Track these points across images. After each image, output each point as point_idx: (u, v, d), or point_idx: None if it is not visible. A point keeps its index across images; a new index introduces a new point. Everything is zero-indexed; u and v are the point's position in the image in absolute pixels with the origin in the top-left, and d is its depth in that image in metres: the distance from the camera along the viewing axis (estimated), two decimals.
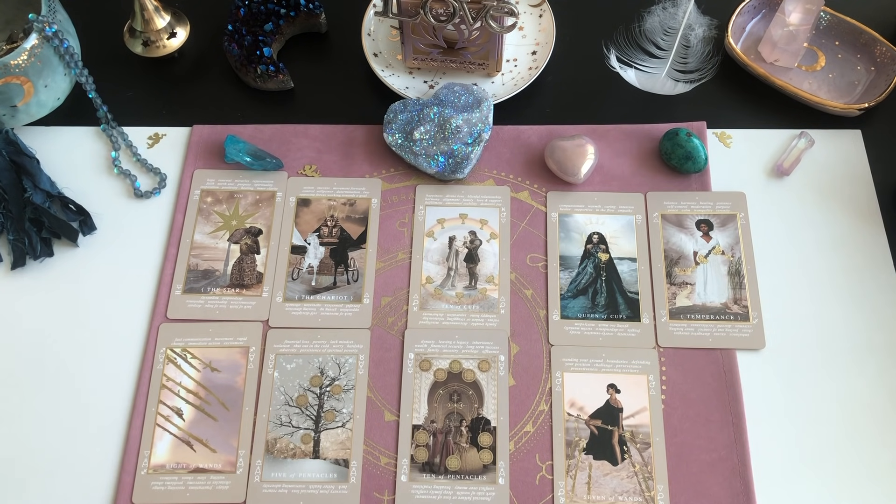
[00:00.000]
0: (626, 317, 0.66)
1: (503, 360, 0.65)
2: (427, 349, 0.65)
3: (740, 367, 0.64)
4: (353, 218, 0.72)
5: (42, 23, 0.69)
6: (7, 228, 0.70)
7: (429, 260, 0.69)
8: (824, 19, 0.79)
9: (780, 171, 0.72)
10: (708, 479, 0.60)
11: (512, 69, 0.78)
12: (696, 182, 0.72)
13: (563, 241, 0.70)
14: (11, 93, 0.69)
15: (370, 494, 0.60)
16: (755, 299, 0.66)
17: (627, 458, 0.60)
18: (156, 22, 0.78)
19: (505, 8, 0.68)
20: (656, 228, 0.70)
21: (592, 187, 0.72)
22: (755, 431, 0.61)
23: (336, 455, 0.61)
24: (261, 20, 0.79)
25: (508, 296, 0.67)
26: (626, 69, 0.75)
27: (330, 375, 0.64)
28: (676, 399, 0.63)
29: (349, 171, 0.74)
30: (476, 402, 0.63)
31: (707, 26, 0.77)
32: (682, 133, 0.71)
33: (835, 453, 0.60)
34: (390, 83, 0.76)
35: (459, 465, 0.61)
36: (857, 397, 0.62)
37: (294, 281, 0.69)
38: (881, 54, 0.76)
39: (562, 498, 0.59)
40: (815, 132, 0.74)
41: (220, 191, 0.73)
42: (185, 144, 0.76)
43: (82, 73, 0.74)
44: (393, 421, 0.63)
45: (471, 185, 0.73)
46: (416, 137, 0.71)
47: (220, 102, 0.79)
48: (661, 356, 0.64)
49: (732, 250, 0.69)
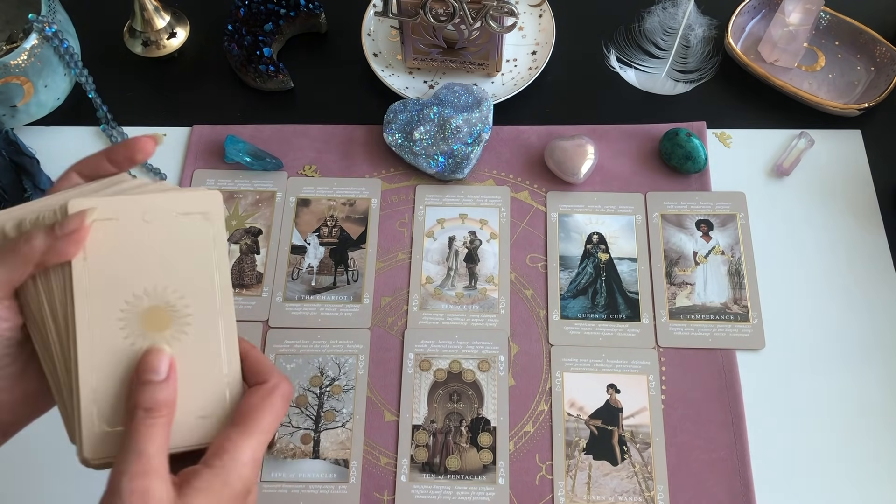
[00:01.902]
0: (626, 317, 0.66)
1: (503, 360, 0.65)
2: (427, 349, 0.65)
3: (740, 367, 0.64)
4: (352, 218, 0.72)
5: (42, 23, 0.69)
6: None
7: (429, 260, 0.69)
8: (824, 19, 0.79)
9: (779, 171, 0.72)
10: (708, 479, 0.60)
11: (512, 69, 0.78)
12: (696, 182, 0.72)
13: (563, 241, 0.70)
14: (11, 93, 0.69)
15: (370, 494, 0.60)
16: (755, 299, 0.66)
17: (627, 458, 0.60)
18: (156, 22, 0.78)
19: (505, 8, 0.68)
20: (656, 228, 0.70)
21: (592, 187, 0.72)
22: (755, 431, 0.61)
23: (336, 455, 0.61)
24: (261, 20, 0.79)
25: (508, 296, 0.67)
26: (626, 69, 0.75)
27: (330, 375, 0.64)
28: (676, 399, 0.63)
29: (349, 171, 0.74)
30: (476, 402, 0.63)
31: (707, 26, 0.77)
32: (682, 133, 0.71)
33: (834, 453, 0.60)
34: (390, 83, 0.76)
35: (459, 465, 0.61)
36: (857, 397, 0.62)
37: (294, 281, 0.69)
38: (881, 54, 0.76)
39: (562, 498, 0.59)
40: (815, 132, 0.74)
41: (220, 191, 0.73)
42: (185, 144, 0.76)
43: (82, 73, 0.74)
44: (393, 421, 0.63)
45: (471, 185, 0.73)
46: (416, 137, 0.71)
47: (220, 102, 0.79)
48: (661, 356, 0.64)
49: (732, 250, 0.69)
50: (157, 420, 0.36)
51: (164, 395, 0.37)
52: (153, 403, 0.37)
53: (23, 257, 0.37)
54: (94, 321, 0.37)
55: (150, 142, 0.42)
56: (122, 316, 0.38)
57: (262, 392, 0.40)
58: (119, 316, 0.38)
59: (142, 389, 0.37)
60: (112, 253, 0.38)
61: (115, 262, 0.38)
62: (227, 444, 0.38)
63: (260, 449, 0.38)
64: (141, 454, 0.35)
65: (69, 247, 0.37)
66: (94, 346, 0.37)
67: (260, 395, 0.40)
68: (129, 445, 0.36)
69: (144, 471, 0.35)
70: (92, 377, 0.37)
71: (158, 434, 0.36)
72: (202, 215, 0.40)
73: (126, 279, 0.38)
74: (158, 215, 0.39)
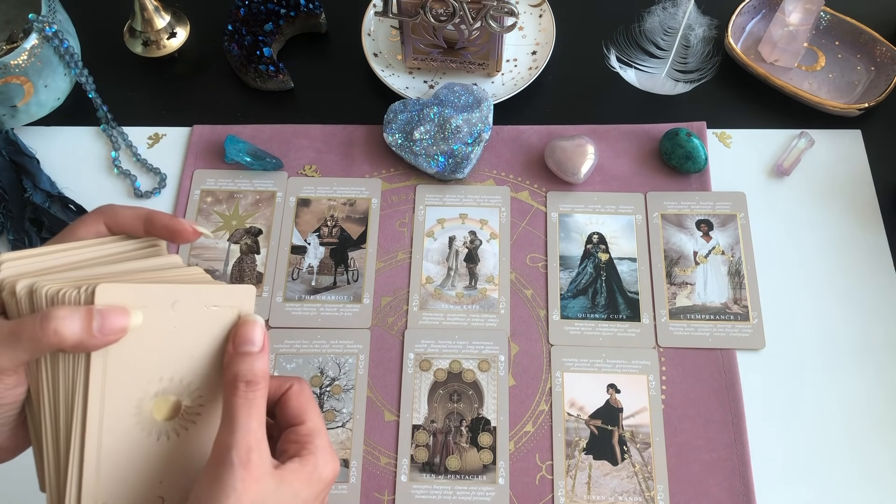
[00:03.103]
0: (626, 317, 0.66)
1: (503, 360, 0.65)
2: (427, 349, 0.65)
3: (740, 367, 0.64)
4: (353, 218, 0.72)
5: (42, 23, 0.69)
6: (7, 228, 0.70)
7: (429, 260, 0.69)
8: (824, 19, 0.79)
9: (780, 171, 0.72)
10: (708, 479, 0.60)
11: (512, 69, 0.78)
12: (696, 182, 0.72)
13: (563, 241, 0.70)
14: (11, 93, 0.69)
15: (370, 494, 0.60)
16: (755, 299, 0.66)
17: (627, 458, 0.60)
18: (156, 22, 0.78)
19: (505, 8, 0.68)
20: (656, 228, 0.70)
21: (592, 187, 0.72)
22: (755, 431, 0.61)
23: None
24: (261, 20, 0.79)
25: (508, 296, 0.67)
26: (626, 69, 0.75)
27: (330, 375, 0.64)
28: (676, 399, 0.63)
29: (349, 171, 0.74)
30: (476, 402, 0.63)
31: (707, 26, 0.77)
32: (682, 133, 0.71)
33: (835, 453, 0.60)
34: (390, 83, 0.76)
35: (459, 465, 0.61)
36: (857, 397, 0.62)
37: (294, 281, 0.69)
38: (881, 54, 0.76)
39: (562, 498, 0.59)
40: (815, 132, 0.74)
41: (220, 191, 0.73)
42: (185, 144, 0.76)
43: (82, 73, 0.74)
44: (393, 421, 0.63)
45: (471, 185, 0.73)
46: (416, 137, 0.71)
47: (220, 102, 0.79)
48: (661, 356, 0.64)
49: (732, 250, 0.69)
50: (258, 393, 0.36)
51: (261, 366, 0.37)
52: (253, 375, 0.36)
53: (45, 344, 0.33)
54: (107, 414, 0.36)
55: (195, 234, 0.40)
56: (136, 404, 0.37)
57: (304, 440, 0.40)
58: (134, 403, 0.37)
59: (241, 360, 0.37)
60: (135, 343, 0.36)
61: (136, 352, 0.36)
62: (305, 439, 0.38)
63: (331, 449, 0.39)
64: (248, 428, 0.35)
65: (100, 344, 0.34)
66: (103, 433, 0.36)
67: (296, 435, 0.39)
68: (235, 419, 0.35)
69: (249, 445, 0.35)
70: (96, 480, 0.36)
71: (259, 406, 0.36)
72: (232, 309, 0.38)
73: (145, 370, 0.37)
74: (187, 305, 0.37)
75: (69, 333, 0.33)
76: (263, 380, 0.37)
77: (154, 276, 0.38)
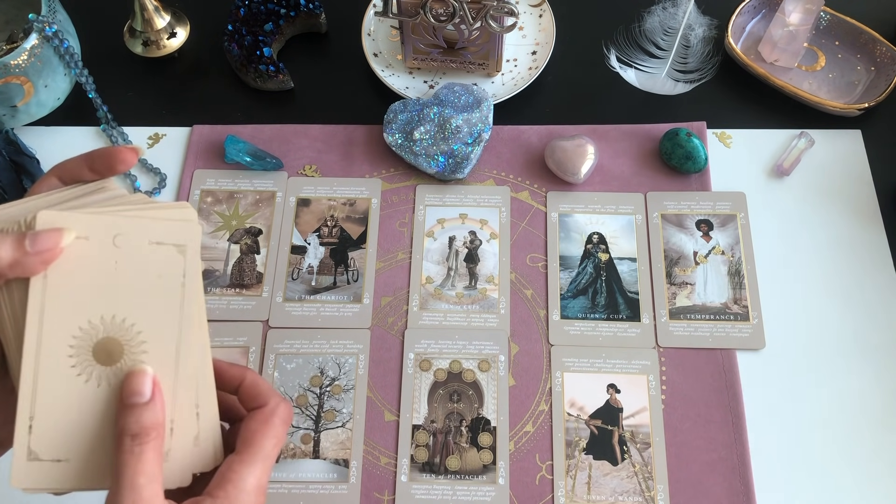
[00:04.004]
0: (626, 317, 0.66)
1: (503, 360, 0.65)
2: (427, 349, 0.65)
3: (740, 367, 0.64)
4: (353, 218, 0.72)
5: (42, 23, 0.69)
6: None
7: (429, 260, 0.69)
8: (824, 19, 0.79)
9: (780, 171, 0.72)
10: (708, 479, 0.60)
11: (512, 69, 0.78)
12: (696, 182, 0.72)
13: (563, 241, 0.70)
14: (11, 93, 0.69)
15: (370, 494, 0.60)
16: (755, 299, 0.66)
17: (627, 458, 0.60)
18: (156, 22, 0.78)
19: (505, 8, 0.68)
20: (656, 228, 0.70)
21: (592, 187, 0.72)
22: (755, 431, 0.61)
23: (336, 455, 0.61)
24: (261, 20, 0.79)
25: (508, 296, 0.67)
26: (626, 69, 0.75)
27: (330, 375, 0.64)
28: (676, 399, 0.63)
29: (349, 171, 0.74)
30: (476, 402, 0.63)
31: (707, 26, 0.77)
32: (682, 133, 0.71)
33: (834, 453, 0.60)
34: (390, 83, 0.76)
35: (459, 465, 0.61)
36: (857, 397, 0.62)
37: (294, 281, 0.69)
38: (881, 54, 0.76)
39: (562, 498, 0.59)
40: (815, 132, 0.74)
41: (220, 191, 0.73)
42: (185, 144, 0.76)
43: (82, 73, 0.74)
44: (393, 421, 0.63)
45: (471, 185, 0.73)
46: (416, 137, 0.71)
47: (220, 102, 0.79)
48: (661, 356, 0.64)
49: (732, 250, 0.69)
50: (146, 445, 0.35)
51: (150, 418, 0.35)
52: (139, 428, 0.35)
53: None
54: (43, 346, 0.35)
55: (132, 153, 0.39)
56: (73, 343, 0.36)
57: (262, 416, 0.39)
58: (70, 342, 0.36)
59: (126, 413, 0.35)
60: (74, 274, 0.35)
61: (75, 284, 0.36)
62: (230, 473, 0.37)
63: (264, 476, 0.37)
64: (132, 487, 0.34)
65: (36, 265, 0.34)
66: (39, 372, 0.35)
67: (259, 420, 0.39)
68: (120, 478, 0.34)
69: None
70: (31, 405, 0.35)
71: (148, 460, 0.34)
72: (176, 248, 0.37)
73: (84, 305, 0.36)
74: (130, 240, 0.36)
75: (3, 254, 0.34)
76: (154, 430, 0.35)
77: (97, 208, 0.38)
